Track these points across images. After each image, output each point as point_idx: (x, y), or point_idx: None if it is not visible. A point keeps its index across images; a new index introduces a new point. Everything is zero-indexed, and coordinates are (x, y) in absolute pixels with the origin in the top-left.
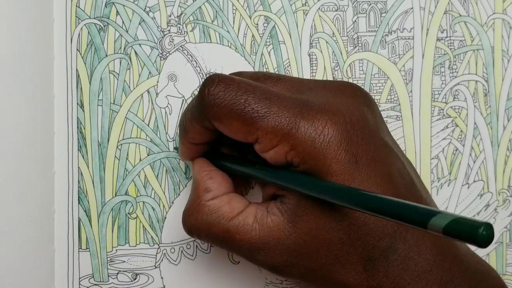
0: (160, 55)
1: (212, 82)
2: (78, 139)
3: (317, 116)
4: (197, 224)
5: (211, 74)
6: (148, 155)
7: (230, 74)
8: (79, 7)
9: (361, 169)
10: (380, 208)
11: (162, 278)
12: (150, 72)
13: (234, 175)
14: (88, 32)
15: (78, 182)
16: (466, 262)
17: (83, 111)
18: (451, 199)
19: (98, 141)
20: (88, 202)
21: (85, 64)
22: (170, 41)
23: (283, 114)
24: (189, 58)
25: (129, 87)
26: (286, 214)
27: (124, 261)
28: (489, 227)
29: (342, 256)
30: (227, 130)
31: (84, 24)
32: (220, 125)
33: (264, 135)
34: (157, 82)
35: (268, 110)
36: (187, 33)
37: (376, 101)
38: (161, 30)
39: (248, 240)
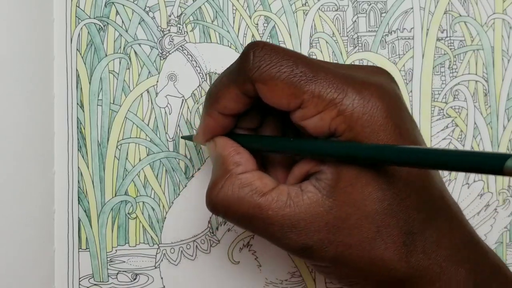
0: (160, 55)
1: (257, 45)
2: (78, 139)
3: (363, 87)
4: (227, 198)
5: (252, 41)
6: (147, 155)
7: None
8: (79, 7)
9: (404, 142)
10: (454, 161)
11: (162, 278)
12: (149, 72)
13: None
14: (88, 32)
15: (78, 182)
16: (487, 248)
17: (83, 111)
18: None
19: (98, 141)
20: (88, 202)
21: (85, 64)
22: (170, 41)
23: (330, 80)
24: (189, 58)
25: (129, 87)
26: (324, 190)
27: (124, 261)
28: None
29: (384, 228)
30: (270, 93)
31: (84, 24)
32: (264, 87)
33: (311, 98)
34: (157, 81)
35: (315, 75)
36: (187, 33)
37: None
38: (161, 30)
39: (282, 216)
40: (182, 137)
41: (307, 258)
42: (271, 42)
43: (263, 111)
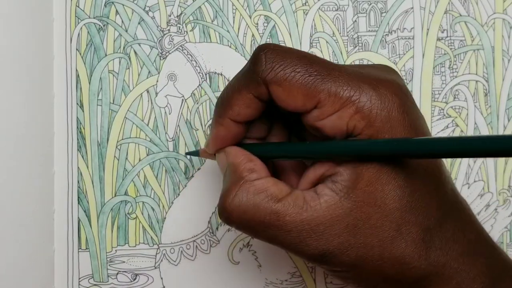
0: (160, 55)
1: (268, 47)
2: (77, 139)
3: (378, 83)
4: (241, 205)
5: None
6: (147, 155)
7: None
8: (78, 6)
9: (419, 136)
10: (477, 148)
11: (161, 278)
12: (149, 72)
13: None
14: (88, 31)
15: (78, 182)
16: (495, 243)
17: (83, 111)
18: None
19: (98, 141)
20: (88, 202)
21: (84, 63)
22: (170, 41)
23: (345, 78)
24: (189, 57)
25: (129, 86)
26: (342, 192)
27: (124, 262)
28: None
29: (404, 226)
30: (286, 95)
31: (84, 24)
32: (279, 89)
33: (327, 97)
34: (157, 81)
35: (330, 73)
36: (187, 32)
37: None
38: (160, 30)
39: (300, 221)
40: (186, 153)
41: (326, 264)
42: (271, 42)
43: (270, 120)
